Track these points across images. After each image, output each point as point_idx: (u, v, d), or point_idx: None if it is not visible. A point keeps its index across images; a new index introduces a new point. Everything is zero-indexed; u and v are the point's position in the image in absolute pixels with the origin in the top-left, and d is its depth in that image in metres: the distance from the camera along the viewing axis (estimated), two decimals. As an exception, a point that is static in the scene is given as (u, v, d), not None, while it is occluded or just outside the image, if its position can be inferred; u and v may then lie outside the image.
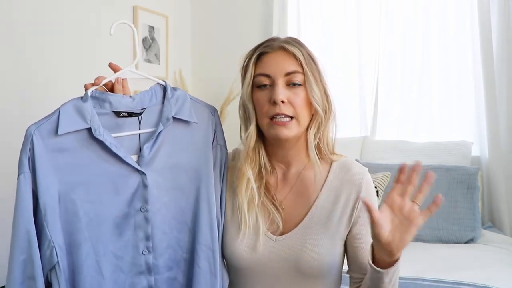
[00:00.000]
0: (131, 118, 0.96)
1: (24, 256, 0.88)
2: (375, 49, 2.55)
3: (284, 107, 0.94)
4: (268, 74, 0.96)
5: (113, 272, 0.94)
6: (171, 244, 0.97)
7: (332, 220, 0.99)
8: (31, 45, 1.83)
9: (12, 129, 1.72)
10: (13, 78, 1.76)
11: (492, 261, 1.84)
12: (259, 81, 0.98)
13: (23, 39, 1.79)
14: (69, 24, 1.99)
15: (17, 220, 0.88)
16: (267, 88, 0.97)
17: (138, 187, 0.94)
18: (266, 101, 0.96)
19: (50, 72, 1.91)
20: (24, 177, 0.88)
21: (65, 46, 1.98)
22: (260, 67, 0.98)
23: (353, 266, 1.03)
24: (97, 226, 0.92)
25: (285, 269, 0.97)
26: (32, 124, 0.90)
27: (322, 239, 0.97)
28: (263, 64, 0.98)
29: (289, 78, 0.96)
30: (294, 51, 0.96)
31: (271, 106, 0.95)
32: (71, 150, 0.91)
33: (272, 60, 0.97)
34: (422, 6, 2.48)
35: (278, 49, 0.97)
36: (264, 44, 0.99)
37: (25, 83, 1.80)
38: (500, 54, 2.26)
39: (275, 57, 0.97)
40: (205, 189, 0.98)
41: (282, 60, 0.96)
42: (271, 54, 0.98)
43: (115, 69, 0.99)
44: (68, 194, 0.91)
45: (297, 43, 0.99)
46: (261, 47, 0.99)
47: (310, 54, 1.00)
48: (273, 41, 0.99)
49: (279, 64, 0.96)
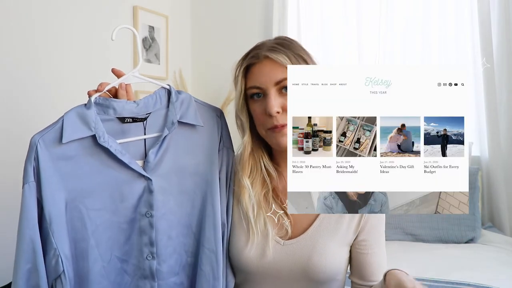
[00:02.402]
0: (136, 124, 0.96)
1: (29, 266, 0.88)
2: (375, 49, 2.55)
3: (281, 117, 0.94)
4: (258, 86, 0.96)
5: (118, 275, 0.94)
6: (177, 249, 0.97)
7: (342, 226, 0.98)
8: (30, 45, 1.83)
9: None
10: (11, 79, 1.75)
11: (492, 261, 1.84)
12: (251, 93, 0.98)
13: (23, 38, 1.79)
14: (68, 24, 1.99)
15: (21, 230, 0.88)
16: (261, 98, 0.97)
17: (143, 192, 0.94)
18: (262, 112, 0.96)
19: (49, 72, 1.91)
20: (29, 186, 0.88)
21: (64, 46, 1.97)
22: (250, 80, 0.98)
23: (355, 271, 1.03)
24: (104, 233, 0.93)
25: (292, 274, 0.97)
26: (36, 134, 0.90)
27: (331, 245, 0.97)
28: (252, 76, 0.97)
29: (280, 85, 0.94)
30: (280, 60, 0.94)
31: (267, 118, 0.95)
32: (76, 158, 0.91)
33: (260, 71, 0.96)
34: (422, 5, 2.48)
35: (264, 58, 0.95)
36: (250, 55, 0.98)
37: (23, 84, 1.80)
38: (500, 54, 2.26)
39: (262, 67, 0.96)
40: (210, 192, 0.97)
41: (269, 70, 0.95)
42: (258, 65, 0.96)
43: (118, 74, 0.98)
44: (74, 202, 0.91)
45: (282, 46, 0.96)
46: (248, 58, 0.98)
47: (300, 52, 0.97)
48: (259, 49, 0.97)
49: (268, 74, 0.95)
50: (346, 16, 2.63)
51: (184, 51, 2.91)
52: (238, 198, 1.00)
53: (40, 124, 0.96)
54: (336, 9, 2.64)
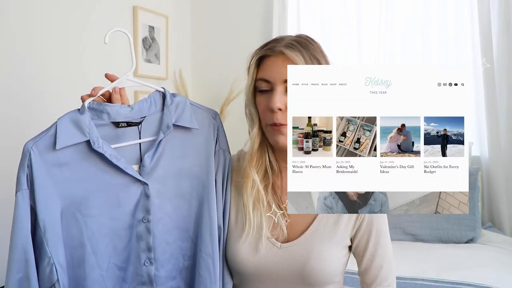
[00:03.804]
0: (131, 128, 0.95)
1: (21, 275, 0.86)
2: (375, 49, 2.55)
3: (281, 116, 0.93)
4: (267, 80, 0.95)
5: (116, 283, 0.94)
6: (174, 254, 0.97)
7: (339, 228, 0.98)
8: (28, 45, 1.82)
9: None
10: (8, 80, 1.75)
11: (492, 261, 1.84)
12: (259, 86, 0.97)
13: (22, 39, 1.79)
14: (68, 24, 1.99)
15: (14, 239, 0.86)
16: (267, 93, 0.96)
17: (140, 197, 0.93)
18: (265, 107, 0.95)
19: (48, 72, 1.90)
20: (22, 194, 0.86)
21: (64, 46, 1.97)
22: (261, 71, 0.97)
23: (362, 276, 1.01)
24: (101, 240, 0.92)
25: (289, 277, 0.97)
26: (29, 140, 0.88)
27: (329, 247, 0.96)
28: (264, 68, 0.96)
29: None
30: (293, 57, 0.92)
31: (269, 113, 0.94)
32: (71, 164, 0.90)
33: (272, 65, 0.95)
34: (422, 5, 2.48)
35: (279, 53, 0.94)
36: (267, 46, 0.97)
37: (20, 84, 1.80)
38: (500, 54, 2.26)
39: (275, 62, 0.95)
40: (207, 196, 0.97)
41: (281, 66, 0.93)
42: (272, 58, 0.95)
43: (111, 79, 0.97)
44: (69, 209, 0.90)
45: (300, 45, 0.94)
46: (264, 49, 0.97)
47: (316, 54, 0.95)
48: (277, 43, 0.96)
49: (279, 69, 0.93)
50: (346, 16, 2.63)
51: (184, 51, 2.91)
52: (240, 189, 1.00)
53: (36, 129, 0.94)
54: (336, 9, 2.64)
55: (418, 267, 1.74)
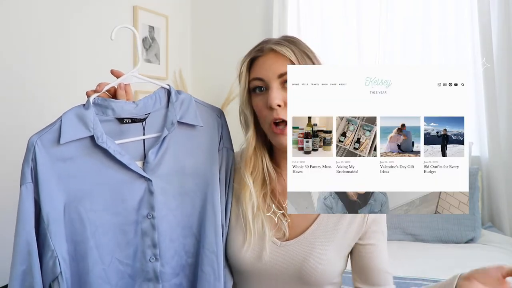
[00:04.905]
0: (135, 124, 0.95)
1: (24, 267, 0.87)
2: (375, 49, 2.55)
3: (281, 111, 0.93)
4: (261, 78, 0.95)
5: (121, 279, 0.94)
6: (178, 250, 0.97)
7: (339, 229, 0.97)
8: (30, 45, 1.83)
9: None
10: (11, 78, 1.76)
11: (492, 261, 1.83)
12: (254, 85, 0.97)
13: (22, 38, 1.79)
14: (68, 24, 1.99)
15: (18, 232, 0.87)
16: (263, 92, 0.96)
17: (144, 193, 0.93)
18: (264, 106, 0.95)
19: (47, 72, 1.91)
20: (26, 188, 0.87)
21: (64, 46, 1.97)
22: (253, 72, 0.97)
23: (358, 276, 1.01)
24: (104, 235, 0.92)
25: (287, 276, 0.97)
26: (34, 134, 0.89)
27: (328, 249, 0.96)
28: (256, 68, 0.97)
29: (283, 78, 0.93)
30: (284, 52, 0.94)
31: (269, 111, 0.94)
32: (75, 159, 0.90)
33: (264, 63, 0.96)
34: (422, 5, 2.48)
35: (269, 51, 0.95)
36: (256, 48, 0.98)
37: (20, 83, 1.80)
38: (500, 54, 2.26)
39: (266, 60, 0.95)
40: (211, 193, 0.97)
41: (274, 62, 0.94)
42: (262, 58, 0.96)
43: (117, 75, 0.98)
44: (73, 203, 0.90)
45: (288, 42, 0.96)
46: (253, 52, 0.98)
47: (305, 50, 0.97)
48: (265, 44, 0.97)
49: (272, 66, 0.94)
50: (346, 16, 2.63)
51: (184, 51, 2.91)
52: (238, 196, 1.00)
53: (39, 124, 0.95)
54: (336, 9, 2.65)
55: (418, 267, 1.74)
